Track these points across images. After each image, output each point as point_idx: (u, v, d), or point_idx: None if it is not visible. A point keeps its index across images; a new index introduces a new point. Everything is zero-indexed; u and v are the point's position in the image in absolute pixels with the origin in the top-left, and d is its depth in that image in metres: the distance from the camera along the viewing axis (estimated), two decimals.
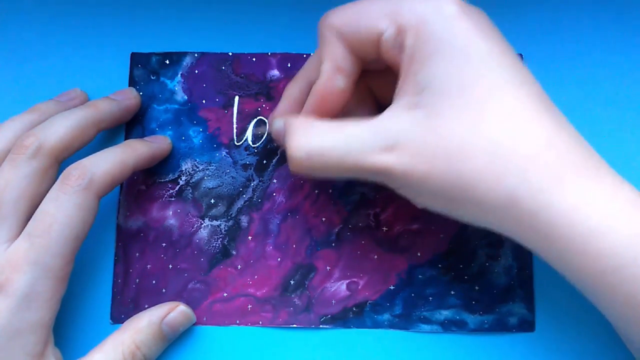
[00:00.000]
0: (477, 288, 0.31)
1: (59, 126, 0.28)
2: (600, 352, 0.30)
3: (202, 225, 0.32)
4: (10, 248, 0.26)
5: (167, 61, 0.33)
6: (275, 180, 0.32)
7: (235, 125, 0.33)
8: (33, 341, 0.26)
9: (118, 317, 0.31)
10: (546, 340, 0.30)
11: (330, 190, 0.32)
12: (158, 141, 0.32)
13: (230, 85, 0.33)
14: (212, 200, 0.32)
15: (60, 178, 0.27)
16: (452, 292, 0.31)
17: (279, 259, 0.31)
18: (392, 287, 0.31)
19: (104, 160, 0.28)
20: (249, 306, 0.31)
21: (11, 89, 0.33)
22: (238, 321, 0.31)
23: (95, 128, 0.29)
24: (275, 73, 0.33)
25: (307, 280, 0.31)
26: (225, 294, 0.31)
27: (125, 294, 0.31)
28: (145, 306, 0.31)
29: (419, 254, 0.31)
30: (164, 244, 0.32)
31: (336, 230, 0.32)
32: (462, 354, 0.30)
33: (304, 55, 0.33)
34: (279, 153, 0.32)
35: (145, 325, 0.29)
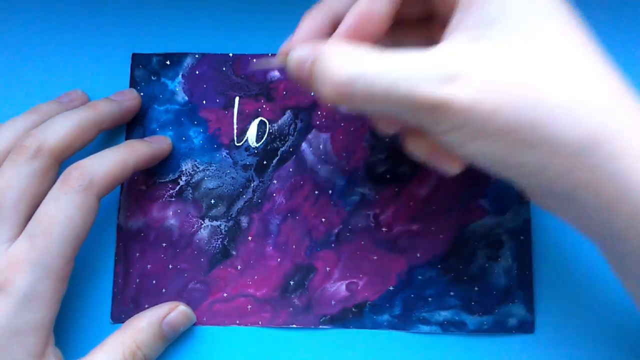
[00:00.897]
0: (477, 289, 0.31)
1: (59, 127, 0.28)
2: (601, 354, 0.30)
3: (202, 226, 0.32)
4: (11, 248, 0.26)
5: (168, 62, 0.33)
6: (275, 181, 0.32)
7: (235, 126, 0.33)
8: (34, 341, 0.26)
9: (118, 317, 0.31)
10: (546, 341, 0.30)
11: (330, 191, 0.32)
12: (158, 141, 0.32)
13: (230, 86, 0.33)
14: (212, 201, 0.32)
15: (61, 178, 0.27)
16: (452, 293, 0.31)
17: (279, 260, 0.31)
18: (392, 288, 0.31)
19: (104, 161, 0.28)
20: (249, 306, 0.31)
21: (12, 89, 0.33)
22: (238, 321, 0.31)
23: (95, 128, 0.30)
24: (276, 74, 0.33)
25: (307, 281, 0.31)
26: (225, 294, 0.31)
27: (125, 294, 0.31)
28: (146, 306, 0.31)
29: (418, 255, 0.31)
30: (164, 244, 0.32)
31: (336, 230, 0.32)
32: (462, 355, 0.30)
33: None
34: (279, 154, 0.32)
35: (145, 325, 0.29)
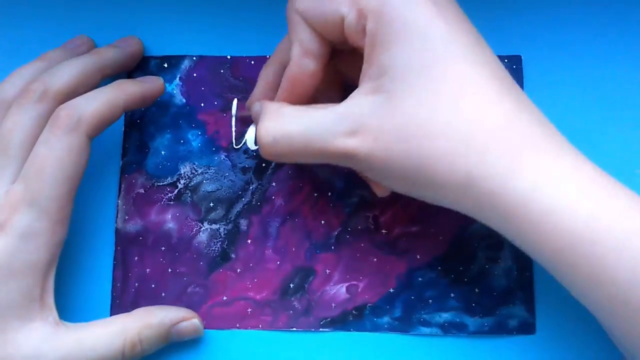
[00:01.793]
0: (477, 290, 0.31)
1: (64, 72, 0.28)
2: (601, 355, 0.30)
3: (201, 229, 0.32)
4: (10, 189, 0.27)
5: (166, 64, 0.33)
6: (274, 184, 0.32)
7: (233, 129, 0.33)
8: (29, 283, 0.27)
9: None
10: (547, 342, 0.30)
11: (329, 193, 0.32)
12: (150, 81, 0.31)
13: (228, 89, 0.33)
14: (211, 204, 0.32)
15: (50, 120, 0.27)
16: (452, 295, 0.31)
17: (279, 262, 0.31)
18: (392, 290, 0.31)
19: (92, 100, 0.28)
20: (249, 310, 0.31)
21: None
22: (238, 325, 0.31)
23: (99, 74, 0.30)
24: None
25: (307, 284, 0.31)
26: (224, 298, 0.31)
27: (124, 298, 0.31)
28: None
29: (418, 257, 0.31)
30: (163, 248, 0.32)
31: (335, 233, 0.32)
32: (462, 356, 0.30)
33: None
34: None
35: (156, 322, 0.29)
